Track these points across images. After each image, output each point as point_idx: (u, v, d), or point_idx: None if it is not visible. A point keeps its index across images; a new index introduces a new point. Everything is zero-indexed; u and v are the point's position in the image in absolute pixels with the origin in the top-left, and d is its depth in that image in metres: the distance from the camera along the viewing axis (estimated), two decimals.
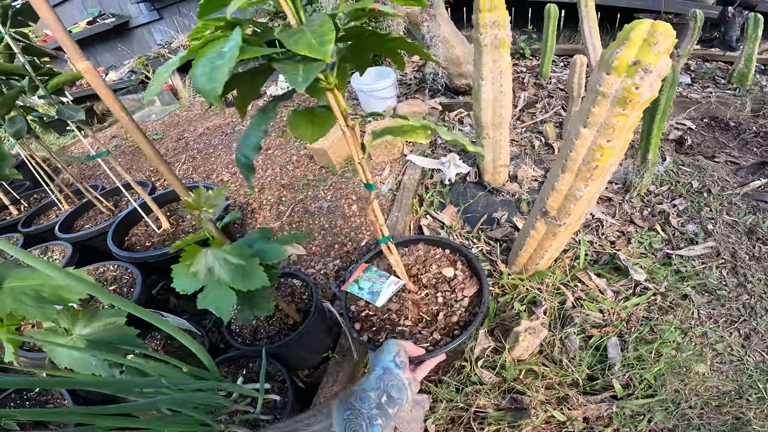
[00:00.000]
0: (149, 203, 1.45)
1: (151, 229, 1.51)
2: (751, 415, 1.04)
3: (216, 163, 2.49)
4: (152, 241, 1.44)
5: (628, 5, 3.20)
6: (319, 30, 0.43)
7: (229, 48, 0.42)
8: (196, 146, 2.82)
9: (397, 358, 0.68)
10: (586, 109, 0.83)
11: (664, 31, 0.73)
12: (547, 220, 1.01)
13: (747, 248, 1.38)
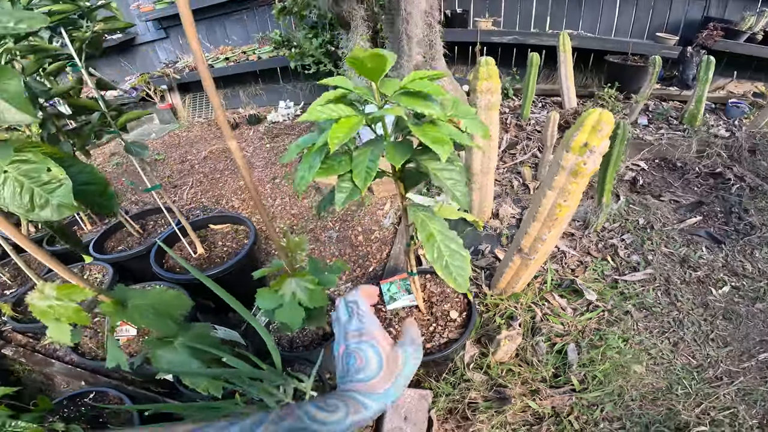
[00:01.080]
0: (187, 228, 1.78)
1: (186, 252, 1.84)
2: (679, 406, 1.45)
3: (224, 189, 2.83)
4: (193, 264, 1.78)
5: (600, 48, 3.77)
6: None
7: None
8: (201, 170, 3.14)
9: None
10: (552, 176, 1.24)
11: (607, 119, 1.14)
12: (522, 256, 1.42)
13: (679, 274, 1.84)
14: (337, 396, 0.48)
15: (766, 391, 1.45)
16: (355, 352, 0.52)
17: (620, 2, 3.90)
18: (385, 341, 0.54)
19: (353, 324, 0.55)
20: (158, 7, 4.37)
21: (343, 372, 0.52)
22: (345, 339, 0.54)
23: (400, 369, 0.53)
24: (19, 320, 1.74)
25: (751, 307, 1.72)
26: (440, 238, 0.81)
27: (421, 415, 1.45)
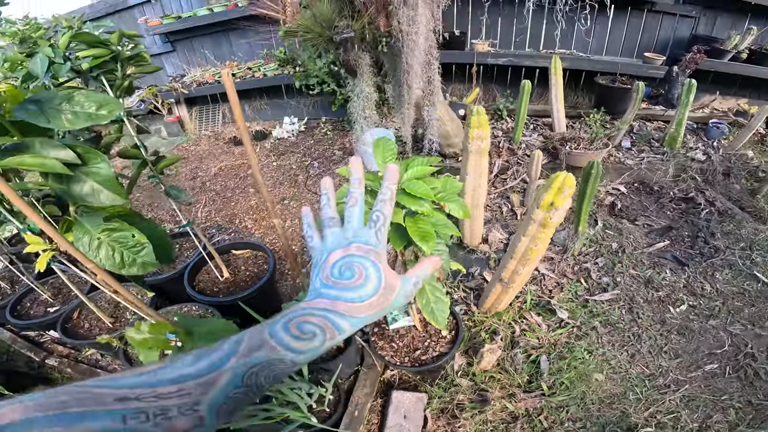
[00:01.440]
0: (214, 254, 2.10)
1: (213, 275, 2.17)
2: (631, 410, 1.78)
3: (236, 208, 3.15)
4: (219, 288, 2.10)
5: (591, 68, 4.09)
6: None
7: None
8: (213, 187, 3.47)
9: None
10: (525, 226, 1.57)
11: (569, 183, 1.47)
12: (503, 284, 1.76)
13: (643, 294, 2.17)
14: (313, 318, 0.44)
15: (707, 398, 1.78)
16: (356, 265, 0.48)
17: (611, 22, 4.20)
18: (388, 267, 0.50)
19: (371, 237, 0.51)
20: (165, 22, 4.67)
21: (329, 281, 0.48)
22: (349, 247, 0.50)
23: (389, 301, 0.50)
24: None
25: (704, 323, 2.05)
26: (429, 289, 1.15)
27: (418, 414, 1.78)
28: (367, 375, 1.83)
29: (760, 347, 1.96)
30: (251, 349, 0.41)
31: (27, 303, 2.30)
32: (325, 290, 0.47)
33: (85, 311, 2.12)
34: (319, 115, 4.51)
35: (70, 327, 2.05)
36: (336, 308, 0.46)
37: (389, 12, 1.86)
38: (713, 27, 4.11)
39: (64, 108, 0.86)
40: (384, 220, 0.52)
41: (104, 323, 2.00)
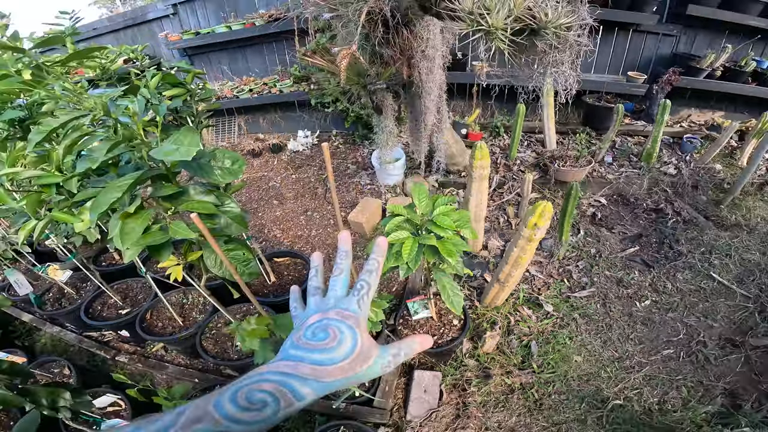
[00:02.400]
0: (263, 260, 2.66)
1: (263, 279, 2.73)
2: (604, 386, 2.35)
3: (263, 219, 3.70)
4: (268, 289, 2.66)
5: (580, 89, 4.66)
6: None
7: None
8: (238, 199, 4.01)
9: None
10: (516, 240, 2.15)
11: (548, 210, 2.05)
12: (500, 284, 2.34)
13: (615, 291, 2.77)
14: (266, 385, 0.43)
15: (665, 378, 2.35)
16: (331, 328, 0.50)
17: (600, 42, 4.79)
18: (366, 334, 0.52)
19: (353, 304, 0.54)
20: (185, 37, 5.19)
21: (299, 342, 0.49)
22: (328, 311, 0.53)
23: (363, 367, 0.50)
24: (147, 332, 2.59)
25: (664, 316, 2.65)
26: (449, 287, 1.72)
27: (435, 388, 2.35)
28: None
29: (712, 336, 2.54)
30: (192, 420, 0.39)
31: (97, 306, 2.82)
32: (293, 351, 0.48)
33: (156, 312, 2.66)
34: (330, 128, 5.06)
35: (145, 326, 2.58)
36: (298, 371, 0.45)
37: (411, 64, 2.43)
38: (692, 45, 4.67)
39: (213, 165, 1.41)
40: (368, 290, 0.56)
41: (176, 321, 2.55)
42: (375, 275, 0.59)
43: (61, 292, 3.01)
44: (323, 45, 4.04)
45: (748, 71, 4.26)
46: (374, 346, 0.53)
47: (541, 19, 1.19)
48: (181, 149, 1.11)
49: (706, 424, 2.12)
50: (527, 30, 1.22)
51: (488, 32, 1.17)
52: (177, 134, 1.16)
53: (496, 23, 1.16)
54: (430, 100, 2.55)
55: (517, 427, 2.19)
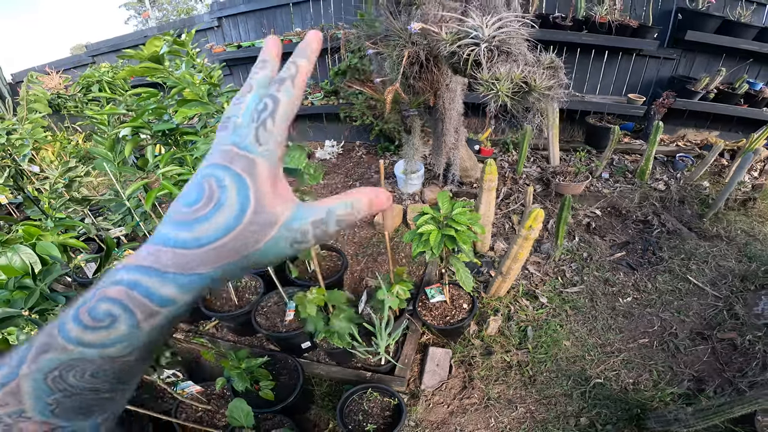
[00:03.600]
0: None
1: (304, 267, 3.29)
2: (588, 367, 2.86)
3: None
4: (309, 275, 3.22)
5: (583, 108, 5.20)
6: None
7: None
8: None
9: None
10: (516, 239, 2.69)
11: (540, 215, 2.59)
12: (502, 276, 2.88)
13: (601, 289, 3.28)
14: (110, 291, 0.31)
15: (640, 362, 2.82)
16: (208, 182, 0.33)
17: (605, 65, 5.30)
18: (269, 185, 0.34)
19: (247, 136, 0.34)
20: (228, 50, 5.82)
21: (172, 212, 0.33)
22: (213, 153, 0.35)
23: (259, 246, 0.33)
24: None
25: (643, 311, 3.16)
26: (462, 270, 2.27)
27: (446, 363, 2.88)
28: (412, 336, 2.94)
29: (683, 329, 3.04)
30: (39, 351, 0.31)
31: None
32: (162, 228, 0.33)
33: (213, 293, 3.24)
34: (354, 139, 5.64)
35: (206, 305, 3.14)
36: (159, 262, 0.31)
37: (437, 94, 3.00)
38: (691, 68, 5.14)
39: (305, 172, 1.99)
40: (273, 109, 0.35)
41: (232, 301, 3.12)
42: (289, 86, 0.36)
43: None
44: (355, 65, 4.64)
45: (740, 93, 4.69)
46: (284, 202, 0.34)
47: (531, 84, 1.75)
48: (295, 159, 1.70)
49: (673, 402, 2.60)
50: (522, 91, 1.78)
51: (497, 94, 1.74)
52: (290, 149, 1.75)
53: (503, 89, 1.73)
54: (451, 123, 3.12)
55: (514, 398, 2.71)
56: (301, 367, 2.58)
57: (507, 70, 1.75)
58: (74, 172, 3.49)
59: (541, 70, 1.74)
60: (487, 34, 1.79)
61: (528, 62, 1.85)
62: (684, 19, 4.74)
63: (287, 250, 0.34)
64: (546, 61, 1.88)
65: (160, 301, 0.31)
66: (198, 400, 2.40)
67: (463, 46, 1.87)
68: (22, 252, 1.71)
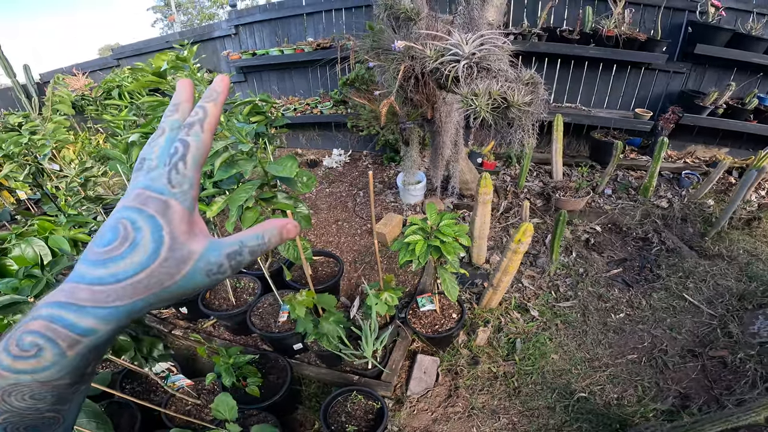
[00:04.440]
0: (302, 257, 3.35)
1: (301, 272, 3.41)
2: (573, 381, 2.89)
3: None
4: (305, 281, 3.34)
5: (589, 123, 5.22)
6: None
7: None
8: None
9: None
10: (506, 252, 2.76)
11: (529, 229, 2.66)
12: (493, 288, 2.94)
13: (594, 304, 3.32)
14: (34, 324, 0.33)
15: (626, 378, 2.83)
16: (122, 223, 0.35)
17: (612, 79, 5.31)
18: (185, 223, 0.37)
19: (161, 178, 0.37)
20: (243, 57, 6.04)
21: (89, 252, 0.36)
22: (128, 196, 0.37)
23: (176, 280, 0.36)
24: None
25: (634, 327, 3.18)
26: (449, 280, 2.36)
27: (433, 371, 2.96)
28: (401, 343, 3.03)
29: (674, 346, 3.05)
30: None
31: None
32: (80, 267, 0.35)
33: (213, 293, 3.38)
34: (361, 149, 5.77)
35: (205, 303, 3.29)
36: (75, 297, 0.34)
37: (434, 107, 3.10)
38: (701, 82, 5.07)
39: (296, 179, 2.12)
40: (183, 152, 0.37)
41: (230, 301, 3.25)
42: (198, 130, 0.39)
43: None
44: (362, 75, 4.78)
45: (749, 109, 4.63)
46: (198, 240, 0.38)
47: (510, 100, 1.84)
48: (287, 168, 1.83)
49: (654, 418, 2.62)
50: (501, 106, 1.87)
51: (476, 110, 1.84)
52: (283, 159, 1.90)
53: (481, 104, 1.82)
54: (448, 137, 3.21)
55: (498, 409, 2.76)
56: (290, 368, 2.69)
57: (486, 86, 1.84)
58: (90, 172, 3.69)
59: (521, 86, 1.83)
60: (467, 51, 1.89)
61: (508, 78, 1.94)
62: (694, 32, 4.70)
63: (205, 281, 0.38)
64: (526, 77, 1.97)
65: (82, 331, 0.33)
66: (188, 394, 2.52)
67: (444, 63, 1.97)
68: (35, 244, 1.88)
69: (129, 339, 2.03)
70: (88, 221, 2.88)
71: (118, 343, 1.97)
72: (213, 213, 2.08)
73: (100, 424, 1.69)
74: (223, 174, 2.03)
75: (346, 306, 3.40)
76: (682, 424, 2.12)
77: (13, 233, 1.93)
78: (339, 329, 2.50)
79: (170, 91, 2.20)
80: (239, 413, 2.17)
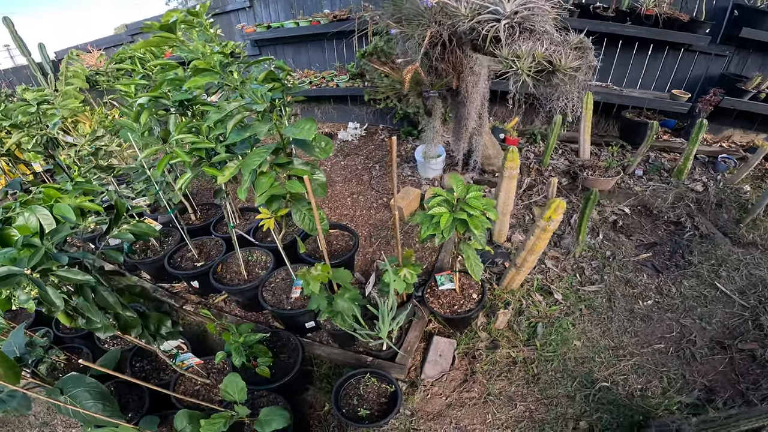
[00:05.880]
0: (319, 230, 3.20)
1: (315, 245, 3.27)
2: (596, 369, 2.72)
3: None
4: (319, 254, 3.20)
5: (620, 103, 4.92)
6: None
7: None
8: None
9: None
10: (534, 230, 2.57)
11: (561, 205, 2.46)
12: (516, 268, 2.77)
13: (621, 290, 3.12)
14: None
15: (651, 368, 2.65)
16: None
17: (648, 60, 4.98)
18: None
19: None
20: (258, 30, 5.82)
21: None
22: None
23: None
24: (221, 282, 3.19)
25: (662, 315, 2.98)
26: (473, 257, 2.19)
27: (449, 354, 2.81)
28: (418, 324, 2.88)
29: (703, 337, 2.86)
30: None
31: (177, 258, 3.44)
32: None
33: (224, 266, 3.26)
34: (378, 122, 5.56)
35: (216, 277, 3.16)
36: None
37: (461, 77, 2.88)
38: (744, 66, 4.77)
39: (313, 144, 1.95)
40: None
41: (242, 275, 3.13)
42: None
43: (146, 245, 3.68)
44: (381, 48, 4.54)
45: None
46: None
47: (556, 64, 1.63)
48: (304, 131, 1.67)
49: (679, 411, 2.42)
50: (546, 70, 1.66)
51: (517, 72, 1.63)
52: (300, 122, 1.73)
53: (523, 67, 1.62)
54: (473, 108, 3.00)
55: (515, 396, 2.61)
56: (302, 347, 2.57)
57: (529, 47, 1.63)
58: (101, 141, 3.56)
59: (568, 50, 1.62)
60: (508, 10, 1.67)
61: (553, 41, 1.73)
62: (740, 15, 4.40)
63: None
64: (574, 41, 1.75)
65: None
66: (197, 374, 2.42)
67: (482, 22, 1.76)
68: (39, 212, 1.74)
69: (136, 315, 1.91)
70: (94, 188, 2.77)
71: (124, 320, 1.86)
72: (225, 178, 1.92)
73: (107, 406, 1.60)
74: (235, 137, 1.87)
75: (361, 282, 3.27)
76: (712, 418, 1.95)
77: (18, 201, 1.81)
78: (354, 307, 2.36)
79: (180, 49, 2.03)
80: (248, 394, 2.06)
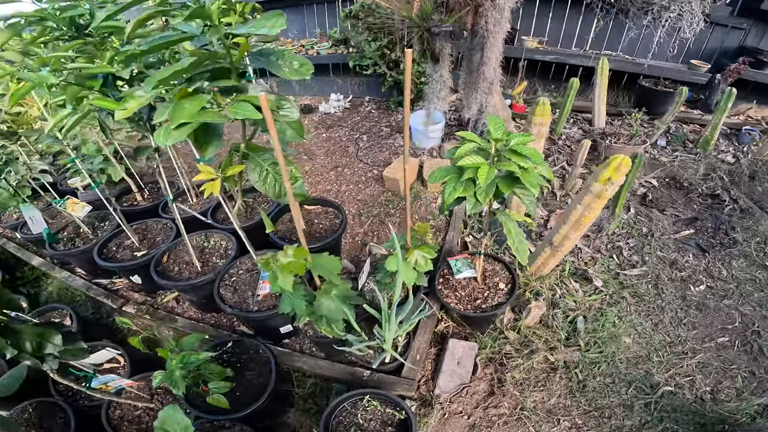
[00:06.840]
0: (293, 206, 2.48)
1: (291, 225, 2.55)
2: (654, 370, 2.12)
3: None
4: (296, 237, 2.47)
5: (635, 71, 4.38)
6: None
7: None
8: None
9: None
10: (581, 197, 1.91)
11: (626, 163, 1.80)
12: (552, 248, 2.12)
13: (667, 273, 2.53)
14: None
15: (719, 366, 2.11)
16: None
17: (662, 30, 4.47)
18: None
19: None
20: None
21: None
22: None
23: None
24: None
25: (719, 302, 2.41)
26: (515, 232, 1.51)
27: (469, 361, 2.14)
28: (426, 324, 2.20)
29: (766, 327, 2.32)
30: None
31: (113, 247, 2.61)
32: None
33: (173, 255, 2.48)
34: (363, 94, 4.84)
35: (160, 270, 2.36)
36: None
37: (479, 12, 2.20)
38: (761, 39, 4.36)
39: (280, 63, 1.21)
40: None
41: (194, 267, 2.37)
42: None
43: (76, 232, 2.86)
44: (368, 6, 3.82)
45: None
46: None
47: None
48: (267, 26, 0.95)
49: (760, 416, 1.92)
50: None
51: None
52: (264, 17, 1.01)
53: None
54: (493, 52, 2.33)
55: (555, 409, 1.99)
56: (274, 360, 1.84)
57: None
58: None
59: None
60: None
61: None
62: None
63: None
64: None
65: None
66: (137, 398, 1.67)
67: None
68: None
69: None
70: None
71: None
72: (127, 112, 1.12)
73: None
74: (145, 47, 1.06)
75: (350, 271, 2.56)
76: None
77: None
78: (345, 308, 1.65)
79: None
80: (205, 425, 1.35)
